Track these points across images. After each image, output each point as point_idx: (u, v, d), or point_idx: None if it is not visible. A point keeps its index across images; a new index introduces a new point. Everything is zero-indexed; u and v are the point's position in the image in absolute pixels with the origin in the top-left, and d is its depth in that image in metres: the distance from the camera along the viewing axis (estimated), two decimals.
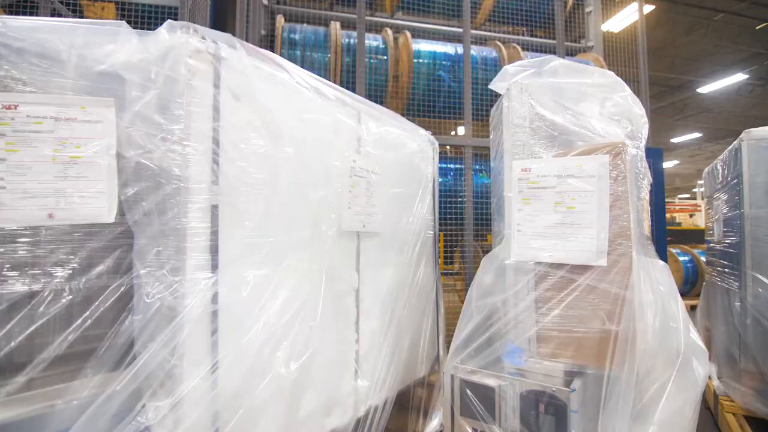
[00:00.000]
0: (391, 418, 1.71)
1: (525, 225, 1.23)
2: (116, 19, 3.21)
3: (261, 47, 1.37)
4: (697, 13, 8.35)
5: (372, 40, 3.89)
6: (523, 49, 4.18)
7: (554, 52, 4.25)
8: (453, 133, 4.94)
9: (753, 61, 9.83)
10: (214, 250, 1.08)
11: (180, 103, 1.04)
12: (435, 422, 1.95)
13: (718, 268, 2.78)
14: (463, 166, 3.73)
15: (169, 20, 1.11)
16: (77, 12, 3.18)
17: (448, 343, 2.16)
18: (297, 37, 3.71)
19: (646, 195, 1.54)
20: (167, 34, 1.08)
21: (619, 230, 1.13)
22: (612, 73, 1.60)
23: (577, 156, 1.18)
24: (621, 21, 5.77)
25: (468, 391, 1.22)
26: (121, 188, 1.00)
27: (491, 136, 1.75)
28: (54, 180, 0.93)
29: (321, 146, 1.45)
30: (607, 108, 1.47)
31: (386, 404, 1.66)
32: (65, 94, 0.97)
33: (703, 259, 5.82)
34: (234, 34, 1.23)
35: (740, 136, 2.31)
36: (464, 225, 3.58)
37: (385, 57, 3.90)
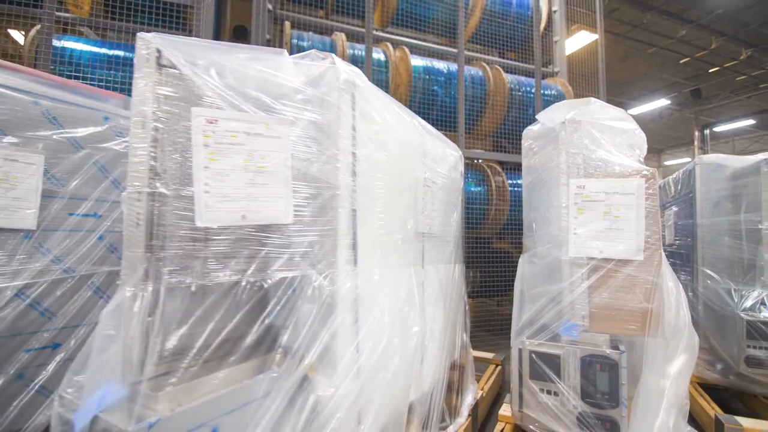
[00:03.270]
0: None
1: (580, 229, 1.58)
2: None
3: None
4: (632, 45, 9.62)
5: (373, 53, 4.11)
6: (505, 70, 4.66)
7: (531, 75, 4.79)
8: None
9: (674, 89, 11.49)
10: (354, 248, 1.29)
11: (332, 123, 1.24)
12: (469, 398, 2.24)
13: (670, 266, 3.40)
14: None
15: (313, 50, 1.30)
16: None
17: None
18: (305, 44, 3.83)
19: None
20: (316, 62, 1.27)
21: (651, 233, 1.51)
22: (623, 110, 2.01)
23: (620, 178, 1.55)
24: (570, 47, 6.58)
25: (536, 359, 1.54)
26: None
27: (526, 156, 2.09)
28: (245, 186, 1.09)
29: (406, 159, 1.69)
30: (623, 138, 1.88)
31: (442, 382, 1.93)
32: (244, 110, 1.13)
33: None
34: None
35: (694, 160, 2.89)
36: None
37: (385, 69, 4.14)
